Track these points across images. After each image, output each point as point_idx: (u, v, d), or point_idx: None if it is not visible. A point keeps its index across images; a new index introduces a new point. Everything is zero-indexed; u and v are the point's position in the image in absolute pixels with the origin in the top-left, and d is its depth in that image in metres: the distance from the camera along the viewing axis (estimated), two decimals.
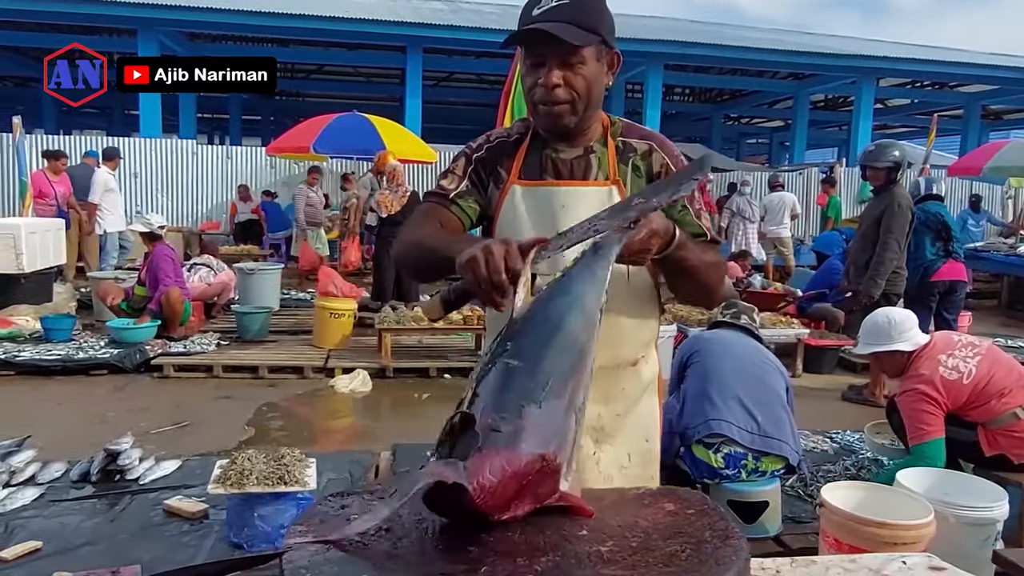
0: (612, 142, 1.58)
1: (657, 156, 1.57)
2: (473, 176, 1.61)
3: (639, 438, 1.63)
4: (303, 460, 3.04)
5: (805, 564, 1.23)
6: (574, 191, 1.54)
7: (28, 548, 2.80)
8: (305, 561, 0.84)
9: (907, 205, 5.24)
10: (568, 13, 1.41)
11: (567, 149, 1.57)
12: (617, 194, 1.53)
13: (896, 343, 3.30)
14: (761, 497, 2.99)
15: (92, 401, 5.11)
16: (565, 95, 1.45)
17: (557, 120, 1.49)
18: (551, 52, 1.43)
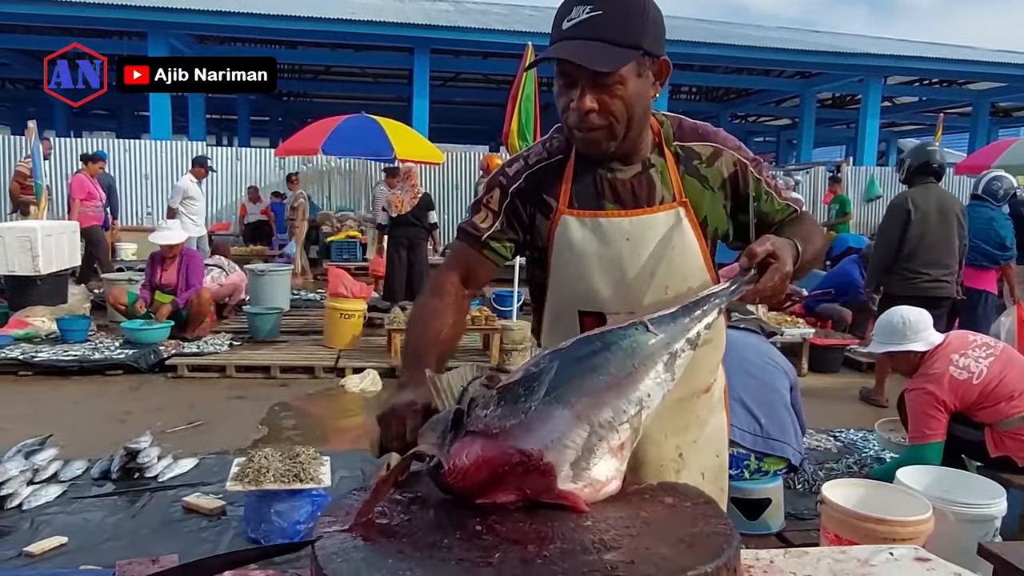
0: (669, 151, 1.40)
1: (725, 157, 1.42)
2: (509, 211, 1.43)
3: (711, 455, 1.56)
4: (318, 458, 3.13)
5: (798, 555, 1.30)
6: (637, 220, 1.37)
7: (54, 543, 2.91)
8: (336, 548, 0.92)
9: (898, 204, 5.10)
10: (600, 27, 1.22)
11: (622, 168, 1.39)
12: (684, 216, 1.38)
13: (910, 343, 3.31)
14: (764, 495, 3.06)
15: (109, 401, 5.22)
16: (600, 120, 1.28)
17: (595, 147, 1.33)
18: (583, 74, 1.25)
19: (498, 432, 1.02)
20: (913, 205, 5.02)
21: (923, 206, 5.00)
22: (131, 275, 7.95)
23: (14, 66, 17.26)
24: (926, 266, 4.97)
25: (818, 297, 7.32)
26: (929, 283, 4.97)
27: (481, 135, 27.49)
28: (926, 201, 5.02)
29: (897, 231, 5.04)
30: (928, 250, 4.97)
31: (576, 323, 1.44)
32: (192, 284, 6.61)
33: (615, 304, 1.40)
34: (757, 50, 15.54)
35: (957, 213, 5.05)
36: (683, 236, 1.38)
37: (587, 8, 1.24)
